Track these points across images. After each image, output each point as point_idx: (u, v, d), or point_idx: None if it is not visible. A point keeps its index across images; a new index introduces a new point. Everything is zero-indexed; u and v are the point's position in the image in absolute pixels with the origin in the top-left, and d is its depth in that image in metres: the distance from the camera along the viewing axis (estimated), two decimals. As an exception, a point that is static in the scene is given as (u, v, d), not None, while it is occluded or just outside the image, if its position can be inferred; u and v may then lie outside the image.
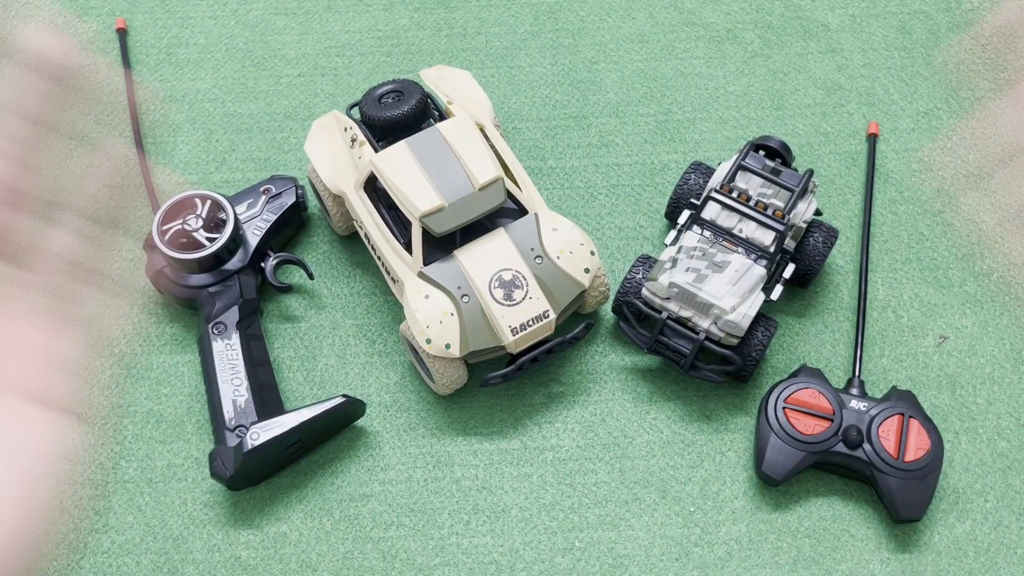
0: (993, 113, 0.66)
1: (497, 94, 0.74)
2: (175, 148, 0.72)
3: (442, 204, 0.56)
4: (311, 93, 0.75)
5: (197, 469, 0.60)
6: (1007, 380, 0.62)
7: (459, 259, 0.58)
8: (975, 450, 0.60)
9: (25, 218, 0.38)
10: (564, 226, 0.59)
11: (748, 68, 0.75)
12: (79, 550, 0.58)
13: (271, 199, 0.65)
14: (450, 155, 0.58)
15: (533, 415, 0.62)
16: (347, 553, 0.58)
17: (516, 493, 0.59)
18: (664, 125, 0.73)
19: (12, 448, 0.35)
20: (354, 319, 0.65)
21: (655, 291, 0.59)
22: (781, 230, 0.58)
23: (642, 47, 0.77)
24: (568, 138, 0.72)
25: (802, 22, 0.78)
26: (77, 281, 0.44)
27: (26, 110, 0.36)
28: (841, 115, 0.73)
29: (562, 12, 0.78)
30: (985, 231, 0.68)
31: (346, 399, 0.58)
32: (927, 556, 0.57)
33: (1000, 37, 0.51)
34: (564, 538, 0.58)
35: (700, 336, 0.58)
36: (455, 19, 0.78)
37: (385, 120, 0.61)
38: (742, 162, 0.61)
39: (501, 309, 0.57)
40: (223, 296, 0.61)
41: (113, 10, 0.79)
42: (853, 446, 0.56)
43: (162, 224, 0.62)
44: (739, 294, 0.57)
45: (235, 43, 0.77)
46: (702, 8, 0.79)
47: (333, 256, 0.68)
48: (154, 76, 0.76)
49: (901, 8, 0.78)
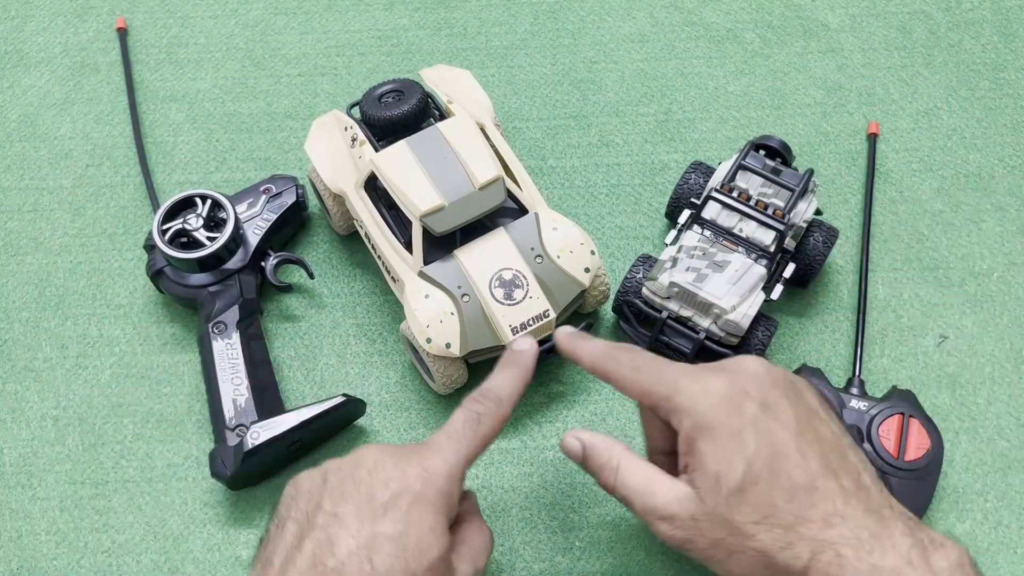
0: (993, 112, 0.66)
1: (497, 94, 0.74)
2: (175, 148, 0.72)
3: (442, 204, 0.56)
4: (311, 93, 0.75)
5: (197, 469, 0.60)
6: (1007, 380, 0.62)
7: (459, 258, 0.58)
8: (975, 450, 0.60)
9: None
10: (564, 225, 0.59)
11: (748, 68, 0.75)
12: (79, 550, 0.58)
13: (271, 198, 0.65)
14: (450, 154, 0.58)
15: (533, 415, 0.62)
16: (347, 553, 0.58)
17: (516, 493, 0.59)
18: (664, 125, 0.73)
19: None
20: (354, 318, 0.65)
21: (655, 290, 0.59)
22: (781, 230, 0.58)
23: (642, 47, 0.77)
24: (568, 138, 0.72)
25: (802, 22, 0.78)
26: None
27: None
28: (841, 115, 0.73)
29: (562, 12, 0.78)
30: (985, 230, 0.68)
31: (346, 399, 0.58)
32: (927, 556, 0.57)
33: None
34: (564, 538, 0.58)
35: (700, 335, 0.58)
36: (455, 19, 0.78)
37: (385, 120, 0.61)
38: (742, 162, 0.61)
39: (501, 308, 0.57)
40: (223, 296, 0.61)
41: (113, 10, 0.79)
42: (853, 446, 0.56)
43: (162, 224, 0.62)
44: (739, 294, 0.57)
45: (235, 43, 0.77)
46: (702, 8, 0.79)
47: (333, 256, 0.68)
48: (154, 76, 0.76)
49: (901, 8, 0.78)
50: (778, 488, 0.42)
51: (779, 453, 0.43)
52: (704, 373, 0.46)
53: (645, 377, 0.47)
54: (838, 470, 0.43)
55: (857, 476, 0.43)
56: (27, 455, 0.61)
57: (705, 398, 0.44)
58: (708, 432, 0.43)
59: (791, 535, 0.41)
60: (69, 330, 0.65)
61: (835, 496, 0.42)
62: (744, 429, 0.43)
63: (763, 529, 0.42)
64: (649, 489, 0.45)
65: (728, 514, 0.42)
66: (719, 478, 0.43)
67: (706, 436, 0.43)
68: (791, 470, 0.42)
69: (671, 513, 0.44)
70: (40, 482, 0.60)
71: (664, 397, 0.45)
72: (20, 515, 0.59)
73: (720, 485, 0.43)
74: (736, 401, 0.44)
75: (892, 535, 0.41)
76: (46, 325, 0.65)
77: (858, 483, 0.43)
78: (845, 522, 0.41)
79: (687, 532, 0.43)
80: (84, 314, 0.65)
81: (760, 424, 0.43)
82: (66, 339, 0.64)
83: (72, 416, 0.62)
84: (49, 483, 0.60)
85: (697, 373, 0.46)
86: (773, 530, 0.42)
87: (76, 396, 0.62)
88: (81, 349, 0.64)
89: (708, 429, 0.44)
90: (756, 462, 0.42)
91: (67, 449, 0.61)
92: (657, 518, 0.44)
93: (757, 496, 0.42)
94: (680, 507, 0.44)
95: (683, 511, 0.44)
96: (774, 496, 0.42)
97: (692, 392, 0.45)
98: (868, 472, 0.44)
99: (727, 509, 0.42)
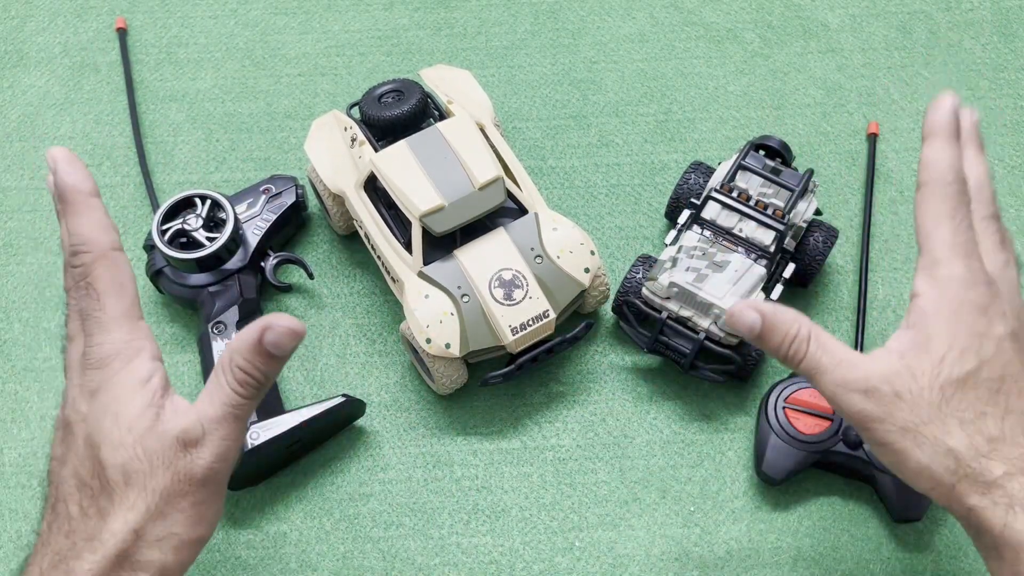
0: (993, 112, 0.66)
1: (497, 94, 0.74)
2: (175, 148, 0.72)
3: (442, 204, 0.56)
4: (311, 93, 0.75)
5: (197, 469, 0.60)
6: (1007, 380, 0.62)
7: (459, 259, 0.58)
8: (975, 450, 0.60)
9: None
10: (564, 226, 0.59)
11: (748, 68, 0.75)
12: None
13: (271, 199, 0.65)
14: (450, 155, 0.58)
15: (533, 415, 0.62)
16: (347, 553, 0.58)
17: (516, 493, 0.59)
18: (664, 125, 0.73)
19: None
20: (354, 319, 0.65)
21: (655, 291, 0.59)
22: (781, 230, 0.58)
23: (642, 47, 0.77)
24: (568, 138, 0.72)
25: (802, 22, 0.78)
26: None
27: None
28: (841, 115, 0.73)
29: (562, 12, 0.78)
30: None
31: (346, 399, 0.58)
32: (927, 556, 0.57)
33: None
34: (564, 538, 0.58)
35: (700, 336, 0.58)
36: (455, 19, 0.78)
37: (385, 120, 0.61)
38: (742, 162, 0.61)
39: (501, 309, 0.57)
40: (223, 296, 0.61)
41: (113, 10, 0.79)
42: (853, 446, 0.56)
43: (161, 224, 0.62)
44: (739, 294, 0.57)
45: (235, 43, 0.77)
46: (702, 8, 0.78)
47: (333, 256, 0.68)
48: (154, 76, 0.76)
49: (901, 8, 0.78)
50: (996, 404, 0.41)
51: (1009, 375, 0.42)
52: (975, 276, 0.43)
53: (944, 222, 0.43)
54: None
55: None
56: (27, 455, 0.60)
57: (962, 286, 0.42)
58: (953, 316, 0.42)
59: (991, 446, 0.40)
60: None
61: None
62: (987, 337, 0.42)
63: (967, 431, 0.40)
64: (849, 360, 0.43)
65: (939, 401, 0.41)
66: (944, 361, 0.41)
67: (949, 318, 0.42)
68: (1013, 395, 0.41)
69: (872, 386, 0.42)
70: (40, 482, 0.59)
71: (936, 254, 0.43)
72: (20, 515, 0.59)
73: (943, 368, 0.41)
74: (992, 312, 0.42)
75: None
76: (46, 325, 0.65)
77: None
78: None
79: (883, 409, 0.41)
80: (84, 314, 0.65)
81: (1004, 344, 0.42)
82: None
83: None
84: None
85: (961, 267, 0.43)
86: (976, 436, 0.40)
87: (76, 396, 0.62)
88: (81, 349, 0.64)
89: (953, 314, 0.42)
90: (986, 368, 0.41)
91: (67, 449, 0.61)
92: (854, 390, 0.42)
93: (974, 397, 0.41)
94: (884, 381, 0.42)
95: (887, 386, 0.42)
96: (990, 406, 0.41)
97: (951, 275, 0.42)
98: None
99: (940, 395, 0.41)
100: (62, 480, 0.42)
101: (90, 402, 0.42)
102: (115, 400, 0.42)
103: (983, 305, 0.42)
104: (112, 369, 0.42)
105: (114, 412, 0.41)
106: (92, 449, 0.41)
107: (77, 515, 0.41)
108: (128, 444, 0.41)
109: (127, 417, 0.41)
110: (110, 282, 0.43)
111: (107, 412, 0.41)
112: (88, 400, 0.42)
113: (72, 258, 0.43)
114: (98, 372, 0.42)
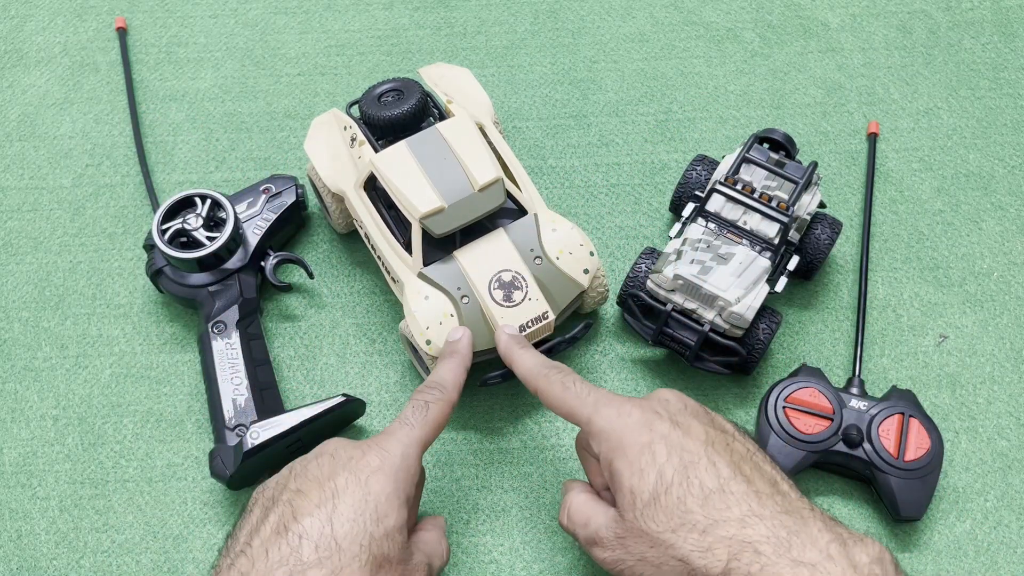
0: (993, 112, 0.66)
1: (497, 93, 0.74)
2: (175, 148, 0.72)
3: (442, 205, 0.56)
4: (311, 92, 0.75)
5: (197, 468, 0.60)
6: (1007, 380, 0.62)
7: (459, 260, 0.58)
8: (975, 450, 0.60)
9: None
10: (563, 227, 0.59)
11: (748, 67, 0.75)
12: (79, 550, 0.58)
13: (271, 198, 0.65)
14: (450, 155, 0.58)
15: (533, 415, 0.62)
16: (347, 553, 0.58)
17: (516, 493, 0.59)
18: (664, 124, 0.73)
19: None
20: (354, 318, 0.65)
21: (660, 283, 0.59)
22: (785, 222, 0.58)
23: (642, 46, 0.77)
24: (568, 137, 0.72)
25: (802, 21, 0.78)
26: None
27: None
28: (841, 114, 0.73)
29: (562, 12, 0.78)
30: (985, 230, 0.68)
31: (346, 398, 0.58)
32: (927, 556, 0.57)
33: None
34: (564, 538, 0.58)
35: (705, 328, 0.58)
36: (455, 18, 0.78)
37: (385, 119, 0.61)
38: (746, 154, 0.61)
39: (500, 310, 0.57)
40: (223, 295, 0.61)
41: (113, 10, 0.79)
42: (853, 445, 0.56)
43: (162, 223, 0.62)
44: (743, 286, 0.57)
45: (235, 42, 0.77)
46: (702, 7, 0.78)
47: (333, 255, 0.68)
48: (154, 76, 0.76)
49: (901, 8, 0.78)
50: (690, 494, 0.43)
51: (689, 462, 0.44)
52: (622, 400, 0.48)
53: (571, 397, 0.49)
54: (751, 476, 0.44)
55: (773, 482, 0.44)
56: (27, 455, 0.61)
57: (620, 420, 0.46)
58: (622, 450, 0.45)
59: (708, 538, 0.42)
60: (69, 330, 0.65)
61: (749, 499, 0.43)
62: (654, 442, 0.45)
63: (680, 536, 0.42)
64: (585, 520, 0.48)
65: (646, 526, 0.43)
66: (633, 492, 0.44)
67: (620, 455, 0.45)
68: (702, 476, 0.44)
69: (601, 537, 0.46)
70: (40, 482, 0.60)
71: (586, 419, 0.48)
72: (20, 515, 0.59)
73: (635, 498, 0.44)
74: (648, 420, 0.46)
75: (811, 531, 0.41)
76: (46, 325, 0.65)
77: (774, 488, 0.44)
78: (762, 521, 0.42)
79: (615, 553, 0.45)
80: (84, 314, 0.65)
81: (670, 437, 0.45)
82: (66, 339, 0.64)
83: (72, 416, 0.62)
84: (49, 483, 0.60)
85: (616, 399, 0.48)
86: (689, 536, 0.42)
87: (76, 396, 0.62)
88: (81, 349, 0.64)
89: (622, 447, 0.45)
90: (667, 470, 0.44)
91: (67, 449, 0.61)
92: (591, 545, 0.47)
93: (671, 504, 0.43)
94: (607, 530, 0.46)
95: (610, 533, 0.45)
96: (687, 501, 0.43)
97: (608, 415, 0.47)
98: (786, 481, 0.45)
99: (644, 521, 0.44)
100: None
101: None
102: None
103: (640, 418, 0.46)
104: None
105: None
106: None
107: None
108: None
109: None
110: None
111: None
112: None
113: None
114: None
